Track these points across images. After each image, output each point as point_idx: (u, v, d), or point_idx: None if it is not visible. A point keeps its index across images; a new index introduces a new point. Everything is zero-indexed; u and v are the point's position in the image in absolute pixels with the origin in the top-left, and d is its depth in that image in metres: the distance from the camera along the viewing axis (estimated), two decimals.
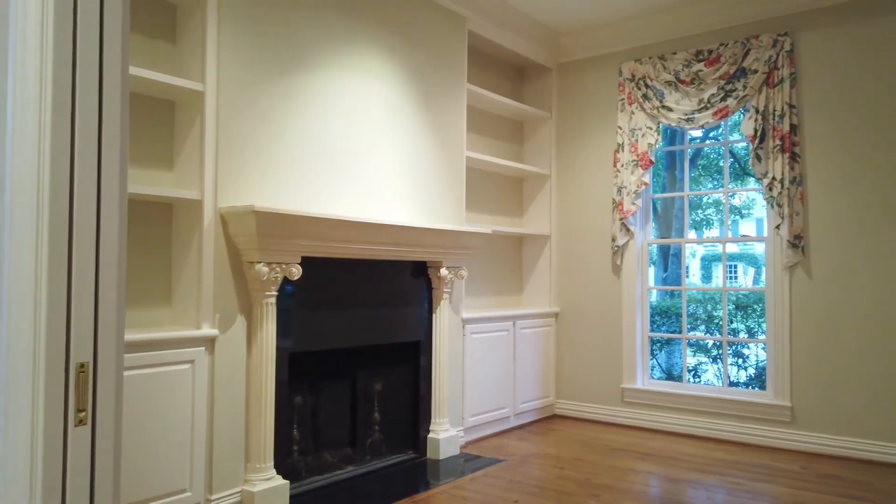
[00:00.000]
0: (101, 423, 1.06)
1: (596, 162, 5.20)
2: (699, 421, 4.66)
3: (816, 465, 3.95)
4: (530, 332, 5.03)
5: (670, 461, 4.03)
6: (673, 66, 4.73)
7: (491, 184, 5.16)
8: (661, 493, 3.46)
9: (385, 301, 3.82)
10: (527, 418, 5.01)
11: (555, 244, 5.39)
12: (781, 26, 4.37)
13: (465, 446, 4.32)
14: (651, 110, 4.81)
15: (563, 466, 3.90)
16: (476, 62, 4.94)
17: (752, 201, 10.62)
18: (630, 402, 4.96)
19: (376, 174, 3.78)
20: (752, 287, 10.82)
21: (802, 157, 4.30)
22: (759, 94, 4.38)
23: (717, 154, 9.46)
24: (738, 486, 3.57)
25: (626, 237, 4.98)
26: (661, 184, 8.54)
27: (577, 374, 5.24)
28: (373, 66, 3.77)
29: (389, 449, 3.98)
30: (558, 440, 4.53)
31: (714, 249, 13.02)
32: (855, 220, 4.13)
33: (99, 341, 1.05)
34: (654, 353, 6.84)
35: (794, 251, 4.28)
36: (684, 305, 4.97)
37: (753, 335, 6.65)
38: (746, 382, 6.66)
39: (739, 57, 4.45)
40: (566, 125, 5.37)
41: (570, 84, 5.36)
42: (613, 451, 4.24)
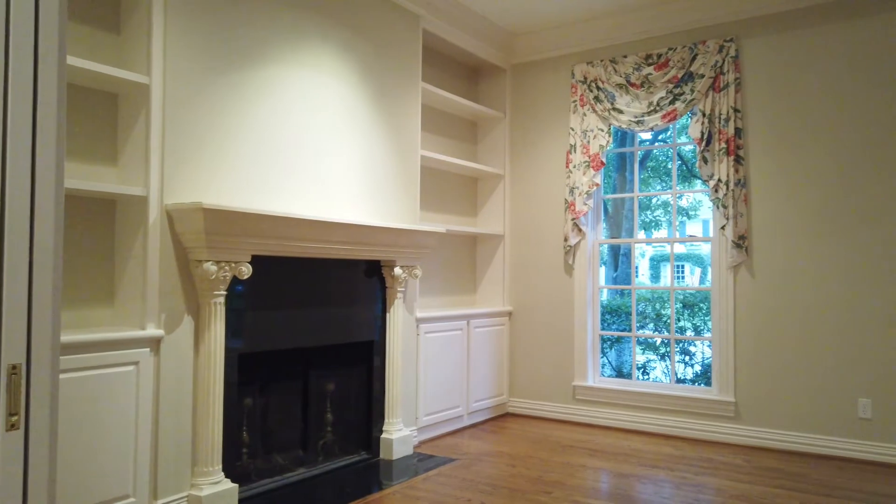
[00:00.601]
0: (35, 428, 1.01)
1: (549, 162, 5.26)
2: (648, 417, 4.76)
3: (758, 459, 4.08)
4: (484, 332, 5.05)
5: (620, 457, 4.10)
6: (624, 70, 4.82)
7: (445, 183, 5.16)
8: (611, 489, 3.52)
9: (338, 300, 3.78)
10: (480, 417, 5.03)
11: (508, 244, 5.43)
12: (727, 32, 4.50)
13: (419, 446, 4.31)
14: (602, 112, 4.89)
15: (516, 464, 3.93)
16: (431, 61, 4.94)
17: (699, 203, 10.92)
18: (581, 399, 5.04)
19: (329, 172, 3.74)
20: (699, 286, 11.12)
21: (746, 159, 4.44)
22: (706, 98, 4.50)
23: (665, 156, 9.70)
24: (685, 479, 3.66)
25: (577, 237, 5.05)
26: (611, 185, 8.70)
27: (529, 372, 5.29)
28: (326, 61, 3.73)
29: (342, 450, 3.94)
30: (511, 438, 4.56)
31: (663, 250, 13.34)
32: (795, 222, 4.29)
33: (32, 342, 1.01)
34: (604, 352, 6.96)
35: (738, 251, 4.41)
36: (634, 304, 5.07)
37: (700, 333, 6.84)
38: (693, 379, 6.85)
39: (687, 61, 4.57)
40: (520, 125, 5.41)
41: (523, 85, 5.41)
42: (565, 448, 4.29)
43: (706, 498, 3.37)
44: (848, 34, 4.13)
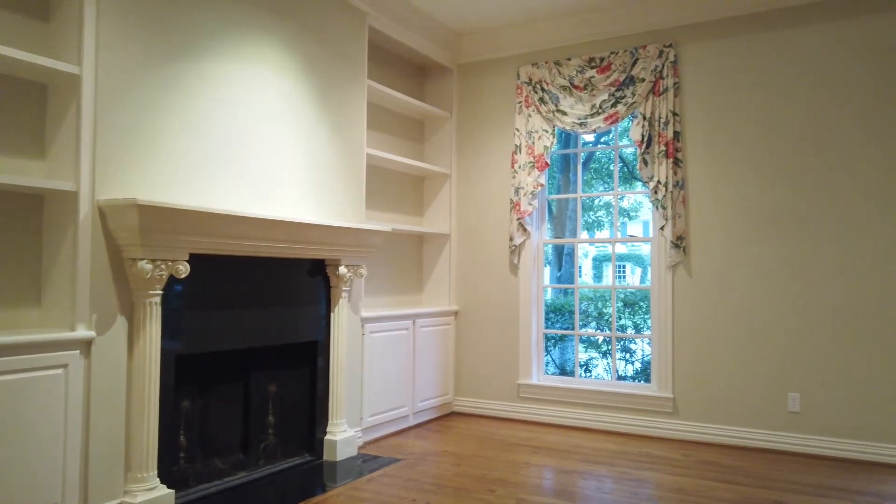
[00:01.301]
0: None
1: (494, 162, 5.29)
2: (590, 414, 4.85)
3: (696, 453, 4.20)
4: (430, 331, 5.04)
5: (563, 453, 4.16)
6: (567, 72, 4.89)
7: (392, 182, 5.13)
8: (555, 485, 3.56)
9: (281, 300, 3.70)
10: (426, 416, 5.02)
11: (454, 243, 5.44)
12: (667, 38, 4.63)
13: (364, 447, 4.27)
14: (547, 114, 4.96)
15: (461, 463, 3.94)
16: (377, 59, 4.90)
17: (640, 204, 11.20)
18: (525, 397, 5.09)
19: (272, 169, 3.66)
20: (639, 286, 11.41)
21: (684, 162, 4.57)
22: (647, 101, 4.61)
23: (607, 158, 9.91)
24: (625, 474, 3.74)
25: (522, 237, 5.10)
26: (556, 185, 8.83)
27: (475, 371, 5.32)
28: (269, 56, 3.65)
29: (284, 453, 3.86)
30: (456, 437, 4.57)
31: (605, 250, 13.63)
32: (730, 223, 4.44)
33: None
34: (548, 350, 7.06)
35: (677, 251, 4.54)
36: (577, 303, 5.16)
37: (640, 331, 7.01)
38: (634, 376, 7.02)
39: (628, 65, 4.67)
40: (466, 125, 5.43)
41: (470, 85, 5.43)
42: (509, 446, 4.33)
43: (645, 492, 3.45)
44: (780, 42, 4.30)
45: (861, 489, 3.49)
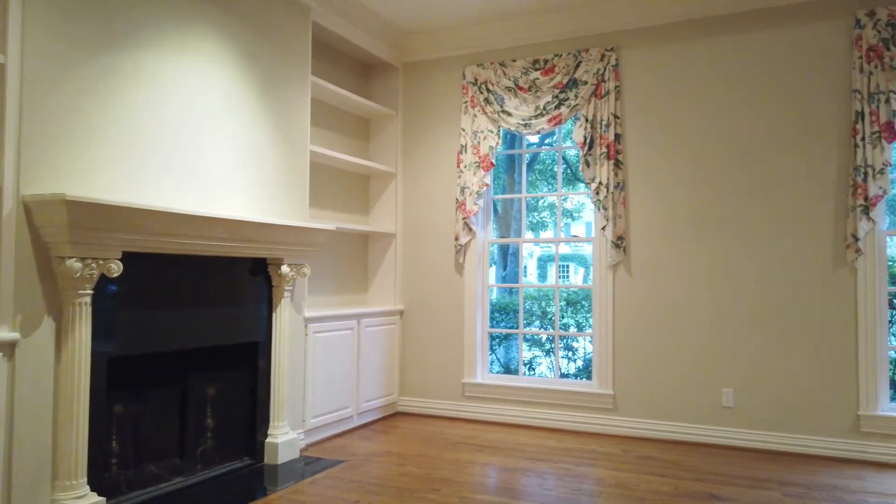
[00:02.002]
0: None
1: (440, 162, 5.29)
2: (534, 412, 4.90)
3: (636, 448, 4.30)
4: (375, 331, 5.00)
5: (507, 451, 4.19)
6: (512, 73, 4.94)
7: (336, 180, 5.06)
8: (498, 483, 3.58)
9: (221, 300, 3.60)
10: (370, 417, 4.98)
11: (400, 242, 5.41)
12: (608, 42, 4.72)
13: (306, 449, 4.20)
14: (492, 114, 4.99)
15: (405, 463, 3.92)
16: (322, 55, 4.83)
17: (583, 205, 11.41)
18: (470, 396, 5.11)
19: (211, 164, 3.55)
20: (582, 285, 11.62)
21: (625, 164, 4.67)
22: (589, 104, 4.69)
23: (551, 159, 10.05)
24: (567, 471, 3.79)
25: (468, 236, 5.11)
26: (501, 186, 8.90)
27: (420, 370, 5.30)
28: (208, 49, 3.54)
29: (223, 456, 3.76)
30: (401, 437, 4.54)
31: (549, 250, 13.83)
32: (668, 223, 4.56)
33: None
34: (493, 349, 7.11)
35: (617, 251, 4.64)
36: (521, 302, 5.21)
37: (582, 329, 7.14)
38: (576, 374, 7.14)
39: (572, 68, 4.74)
40: (412, 124, 5.41)
41: (416, 83, 5.41)
42: (454, 445, 4.33)
43: (587, 488, 3.50)
44: (714, 49, 4.45)
45: (789, 480, 3.64)
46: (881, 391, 4.01)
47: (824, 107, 4.15)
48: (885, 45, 3.93)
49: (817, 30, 4.19)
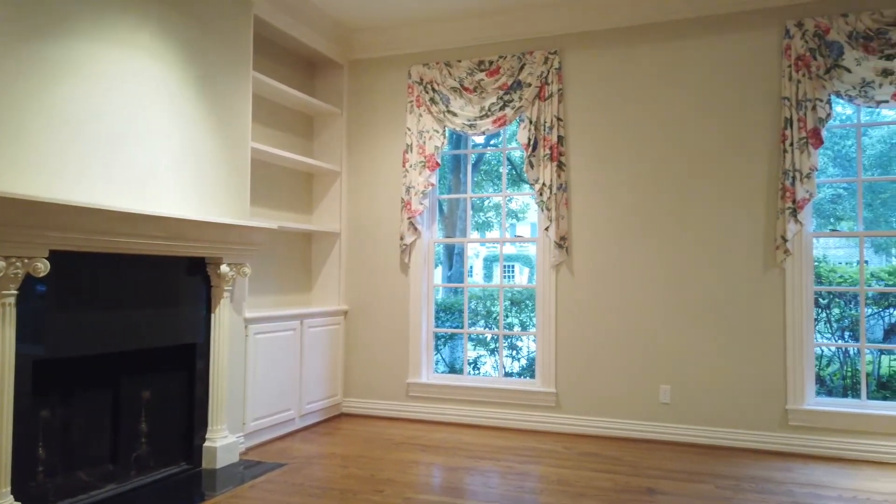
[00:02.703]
0: None
1: (386, 161, 5.26)
2: (478, 411, 4.93)
3: (577, 445, 4.38)
4: (318, 331, 4.94)
5: (451, 451, 4.20)
6: (458, 74, 4.95)
7: (279, 178, 4.97)
8: (442, 482, 3.59)
9: (156, 301, 3.49)
10: (313, 419, 4.91)
11: (345, 241, 5.36)
12: (552, 45, 4.79)
13: (246, 453, 4.11)
14: (438, 114, 4.99)
15: (348, 465, 3.88)
16: (265, 51, 4.73)
17: (527, 206, 11.55)
18: (415, 396, 5.10)
19: (148, 159, 3.43)
20: (526, 284, 11.76)
21: (568, 165, 4.75)
22: (533, 105, 4.75)
23: (497, 160, 10.14)
24: (510, 469, 3.83)
25: (413, 236, 5.10)
26: (447, 186, 8.92)
27: (364, 371, 5.26)
28: (144, 40, 3.42)
29: (159, 462, 3.64)
30: (344, 439, 4.50)
31: (495, 251, 13.95)
32: (608, 224, 4.66)
33: None
34: (438, 349, 7.12)
35: (560, 251, 4.71)
36: (466, 302, 5.23)
37: (526, 328, 7.22)
38: (520, 372, 7.22)
39: (516, 70, 4.79)
40: (357, 122, 5.37)
41: (361, 82, 5.37)
42: (398, 446, 4.31)
43: (529, 485, 3.54)
44: (655, 55, 4.57)
45: (722, 473, 3.77)
46: (808, 386, 4.19)
47: (757, 113, 4.32)
48: (812, 54, 4.11)
49: (751, 39, 4.35)
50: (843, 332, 6.05)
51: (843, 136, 9.02)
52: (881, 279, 6.02)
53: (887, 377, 6.13)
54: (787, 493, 3.42)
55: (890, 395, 5.95)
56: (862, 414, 4.05)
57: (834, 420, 4.09)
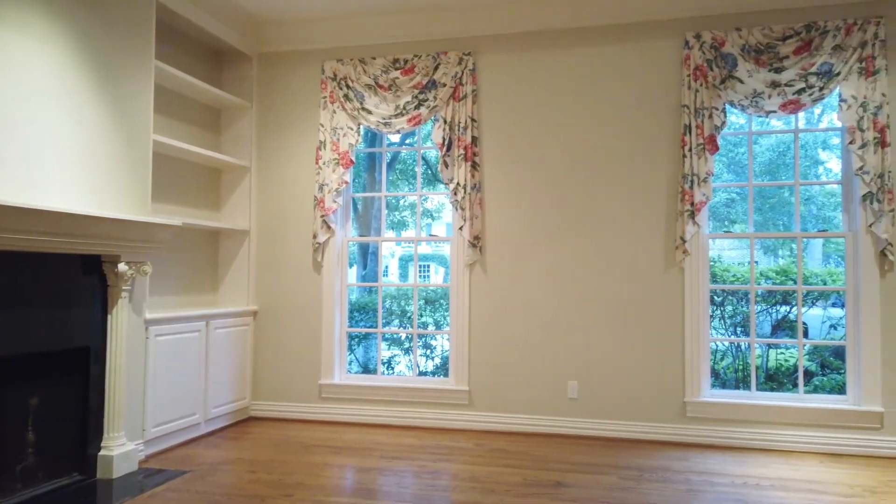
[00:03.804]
0: None
1: (298, 157, 5.15)
2: (392, 410, 4.91)
3: (488, 441, 4.44)
4: (226, 332, 4.76)
5: (364, 452, 4.16)
6: (373, 71, 4.91)
7: (184, 173, 4.76)
8: (354, 484, 3.54)
9: (45, 301, 3.25)
10: (220, 423, 4.74)
11: (254, 240, 5.20)
12: (466, 46, 4.83)
13: (146, 460, 3.91)
14: (352, 111, 4.93)
15: (257, 470, 3.76)
16: (169, 40, 4.52)
17: (443, 205, 11.62)
18: (327, 397, 5.01)
19: (37, 150, 3.20)
20: (440, 283, 11.83)
21: (482, 166, 4.80)
22: (448, 106, 4.77)
23: (412, 159, 10.15)
24: (423, 467, 3.83)
25: (326, 234, 5.02)
26: (361, 184, 8.85)
27: (275, 373, 5.13)
28: (34, 24, 3.19)
29: (49, 474, 3.40)
30: (253, 443, 4.36)
31: (411, 250, 13.97)
32: (520, 224, 4.75)
33: None
34: (352, 349, 7.04)
35: (474, 250, 4.76)
36: (380, 301, 5.20)
37: (440, 327, 7.26)
38: (434, 371, 7.25)
39: (431, 70, 4.80)
40: (268, 117, 5.22)
41: (272, 75, 5.23)
42: (309, 449, 4.23)
43: (442, 483, 3.56)
44: (569, 59, 4.69)
45: (625, 464, 3.92)
46: (703, 379, 4.43)
47: (660, 119, 4.52)
48: (709, 65, 4.35)
49: (654, 48, 4.55)
50: (735, 327, 6.44)
51: (737, 144, 9.60)
52: (769, 278, 6.45)
53: (774, 369, 6.58)
54: (685, 482, 3.60)
55: (776, 387, 6.39)
56: (752, 404, 4.32)
57: (727, 411, 4.35)
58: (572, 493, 3.39)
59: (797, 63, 4.20)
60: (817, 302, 6.90)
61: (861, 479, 3.64)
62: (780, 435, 4.25)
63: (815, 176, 10.06)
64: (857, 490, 3.47)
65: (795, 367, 6.33)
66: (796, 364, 6.28)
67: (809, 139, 9.88)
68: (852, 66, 4.13)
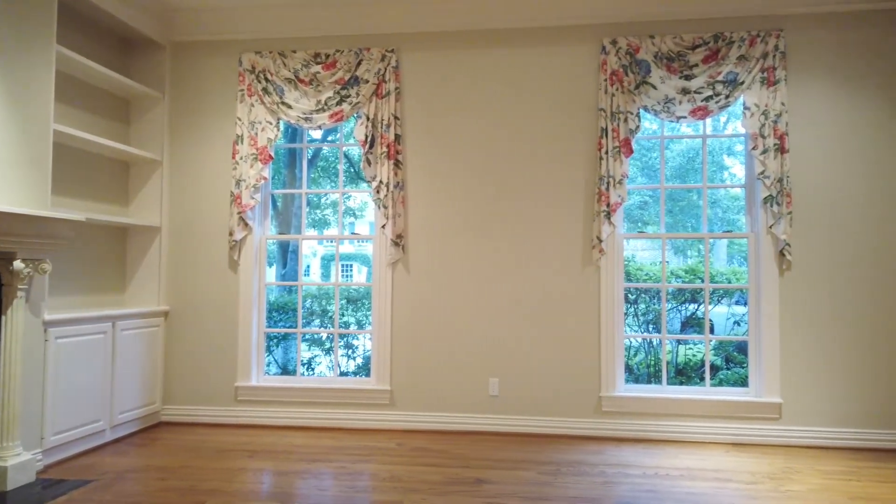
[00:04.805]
0: None
1: (214, 152, 4.96)
2: (311, 412, 4.81)
3: (410, 441, 4.42)
4: (134, 334, 4.53)
5: (282, 455, 4.05)
6: (293, 65, 4.79)
7: (90, 166, 4.50)
8: (271, 488, 3.44)
9: None
10: (128, 430, 4.50)
11: (166, 237, 4.97)
12: (389, 43, 4.79)
13: (45, 471, 3.67)
14: (271, 105, 4.80)
15: (167, 477, 3.60)
16: (73, 25, 4.26)
17: (366, 204, 11.52)
18: (244, 400, 4.86)
19: None
20: (362, 282, 11.71)
21: (405, 164, 4.78)
22: (370, 102, 4.72)
23: (335, 157, 9.99)
24: (343, 469, 3.77)
25: (244, 232, 4.86)
26: (281, 180, 8.63)
27: (188, 376, 4.92)
28: None
29: None
30: (164, 449, 4.17)
31: (333, 250, 13.76)
32: (443, 222, 4.76)
33: None
34: (270, 350, 6.86)
35: (396, 249, 4.73)
36: (300, 300, 5.08)
37: (363, 327, 7.19)
38: (356, 371, 7.17)
39: (353, 65, 4.74)
40: (182, 109, 5.00)
41: (186, 66, 5.01)
42: (224, 453, 4.08)
43: (362, 484, 3.51)
44: (493, 60, 4.74)
45: (544, 459, 4.00)
46: (618, 375, 4.58)
47: (579, 121, 4.63)
48: (625, 70, 4.49)
49: (574, 52, 4.66)
50: (647, 324, 6.70)
51: (650, 149, 9.99)
52: (679, 277, 6.74)
53: (683, 364, 6.89)
54: (601, 474, 3.70)
55: (685, 381, 6.70)
56: (663, 398, 4.50)
57: (640, 405, 4.51)
58: (492, 490, 3.42)
59: (706, 71, 4.41)
60: (723, 300, 7.28)
61: (762, 467, 3.86)
62: (689, 427, 4.45)
63: (721, 180, 10.61)
64: (758, 477, 3.67)
65: (703, 362, 6.65)
66: (703, 359, 6.59)
67: (716, 145, 10.41)
68: (755, 76, 4.37)
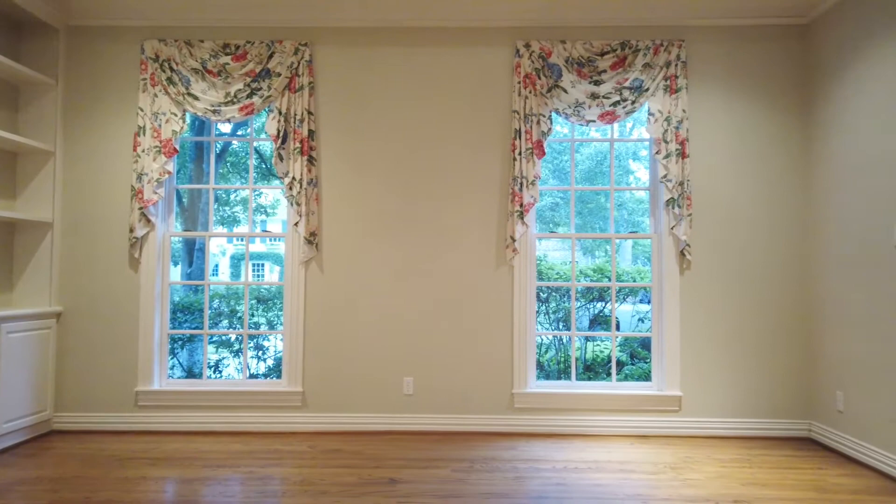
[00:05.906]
0: None
1: (114, 143, 4.69)
2: (219, 416, 4.63)
3: (323, 443, 4.33)
4: (21, 337, 4.21)
5: (186, 461, 3.88)
6: (200, 54, 4.60)
7: None
8: (174, 498, 3.28)
9: None
10: (14, 439, 4.18)
11: (59, 233, 4.65)
12: (303, 37, 4.69)
13: None
14: (176, 96, 4.58)
15: (59, 488, 3.36)
16: None
17: (278, 201, 11.23)
18: (145, 405, 4.62)
19: None
20: (273, 281, 11.42)
21: (319, 160, 4.69)
22: (283, 96, 4.60)
23: (245, 152, 9.69)
24: (251, 474, 3.65)
25: (145, 228, 4.62)
26: (187, 175, 8.27)
27: (83, 381, 4.62)
28: None
29: None
30: (55, 459, 3.90)
31: (243, 248, 13.31)
32: (358, 221, 4.70)
33: None
34: (174, 352, 6.55)
35: (310, 247, 4.63)
36: (206, 300, 4.88)
37: (274, 327, 6.99)
38: (266, 373, 6.96)
39: (265, 58, 4.60)
40: (77, 98, 4.69)
41: (83, 51, 4.71)
42: (122, 462, 3.86)
43: (271, 489, 3.41)
44: (410, 57, 4.71)
45: (457, 456, 4.02)
46: (530, 371, 4.67)
47: (494, 122, 4.69)
48: (537, 74, 4.59)
49: (488, 53, 4.71)
50: (558, 322, 6.89)
51: (561, 152, 10.28)
52: (588, 276, 6.96)
53: (591, 360, 7.13)
54: (513, 470, 3.76)
55: (593, 376, 6.93)
56: (572, 394, 4.63)
57: (550, 400, 4.62)
58: (406, 489, 3.40)
59: (614, 77, 4.57)
60: (628, 298, 7.58)
61: (664, 457, 4.04)
62: (597, 421, 4.60)
63: (628, 183, 11.05)
64: (660, 467, 3.84)
65: (609, 358, 6.90)
66: (610, 355, 6.84)
67: (623, 150, 10.84)
68: (659, 83, 4.58)
